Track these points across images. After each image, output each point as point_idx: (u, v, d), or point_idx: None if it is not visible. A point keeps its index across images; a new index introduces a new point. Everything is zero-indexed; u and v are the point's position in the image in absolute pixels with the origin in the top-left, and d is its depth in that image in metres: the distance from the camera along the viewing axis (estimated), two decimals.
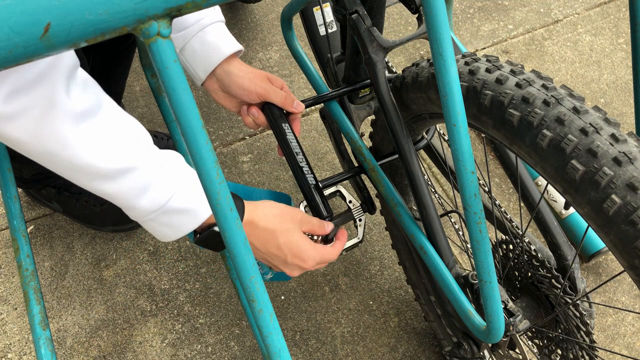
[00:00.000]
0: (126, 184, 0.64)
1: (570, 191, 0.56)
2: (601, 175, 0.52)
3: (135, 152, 0.64)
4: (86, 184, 0.64)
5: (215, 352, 1.21)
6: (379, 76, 0.75)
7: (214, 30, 0.86)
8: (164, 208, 0.66)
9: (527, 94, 0.59)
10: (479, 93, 0.63)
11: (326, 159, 1.50)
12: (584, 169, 0.53)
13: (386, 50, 0.76)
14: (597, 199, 0.53)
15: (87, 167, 0.61)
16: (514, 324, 0.74)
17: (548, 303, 0.84)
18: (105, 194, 0.65)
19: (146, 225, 0.69)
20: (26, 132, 0.57)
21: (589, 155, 0.53)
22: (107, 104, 0.64)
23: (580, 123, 0.55)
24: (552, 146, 0.56)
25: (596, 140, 0.53)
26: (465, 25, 1.82)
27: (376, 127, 0.94)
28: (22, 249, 0.84)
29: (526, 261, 0.84)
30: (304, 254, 0.76)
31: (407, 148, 0.75)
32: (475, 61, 0.67)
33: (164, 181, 0.65)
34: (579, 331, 0.80)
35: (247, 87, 0.86)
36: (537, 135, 0.57)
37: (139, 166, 0.64)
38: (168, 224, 0.68)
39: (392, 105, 0.75)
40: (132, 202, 0.65)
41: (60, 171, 0.63)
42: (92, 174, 0.62)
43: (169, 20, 0.33)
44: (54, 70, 0.57)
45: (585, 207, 0.55)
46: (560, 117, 0.56)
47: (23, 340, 1.21)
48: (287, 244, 0.74)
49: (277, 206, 0.77)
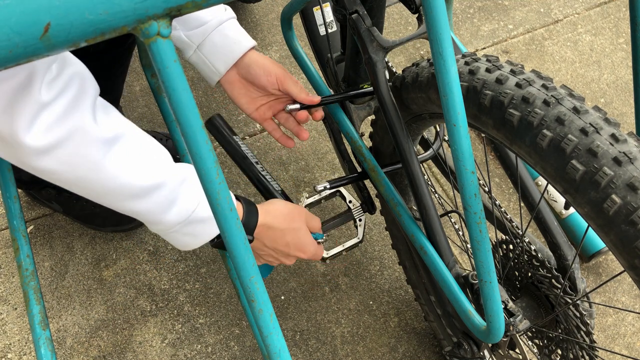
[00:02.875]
0: (155, 200, 0.67)
1: (571, 191, 0.56)
2: (601, 175, 0.52)
3: (160, 168, 0.67)
4: (116, 204, 0.67)
5: (215, 352, 1.21)
6: (379, 76, 0.75)
7: (232, 25, 0.89)
8: (189, 219, 0.69)
9: (527, 93, 0.59)
10: (479, 93, 0.63)
11: (326, 159, 1.50)
12: (584, 168, 0.53)
13: (386, 50, 0.76)
14: (597, 199, 0.53)
15: (120, 188, 0.64)
16: (514, 324, 0.74)
17: (548, 303, 0.84)
18: (134, 212, 0.68)
19: (169, 237, 0.73)
20: (61, 164, 0.60)
21: (589, 155, 0.53)
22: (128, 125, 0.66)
23: (580, 123, 0.55)
24: (552, 146, 0.56)
25: (596, 140, 0.53)
26: (465, 25, 1.82)
27: (376, 127, 0.94)
28: (22, 249, 0.84)
29: (526, 261, 0.84)
30: (306, 247, 0.84)
31: (407, 148, 0.75)
32: (475, 61, 0.67)
33: (188, 193, 0.69)
34: (579, 331, 0.80)
35: (269, 67, 0.89)
36: (537, 135, 0.57)
37: (166, 182, 0.67)
38: (191, 234, 0.72)
39: (392, 105, 0.75)
40: (159, 217, 0.69)
41: (91, 195, 0.66)
42: (124, 195, 0.65)
43: (169, 20, 0.33)
44: (80, 100, 0.60)
45: (586, 207, 0.55)
46: (561, 117, 0.56)
47: (23, 340, 1.21)
48: (294, 241, 0.82)
49: (286, 205, 0.83)
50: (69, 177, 0.62)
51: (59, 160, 0.59)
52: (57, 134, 0.57)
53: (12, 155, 0.60)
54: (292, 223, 0.81)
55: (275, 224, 0.79)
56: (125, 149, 0.64)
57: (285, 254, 0.83)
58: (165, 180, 0.67)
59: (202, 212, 0.70)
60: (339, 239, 1.37)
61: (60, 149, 0.58)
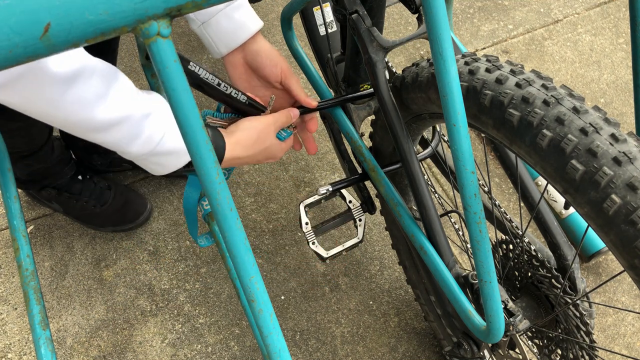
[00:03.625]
0: (117, 134, 0.69)
1: (570, 191, 0.56)
2: (601, 175, 0.52)
3: (122, 104, 0.68)
4: (82, 134, 0.69)
5: (215, 352, 1.21)
6: (379, 76, 0.75)
7: (240, 7, 0.88)
8: (153, 152, 0.72)
9: (527, 93, 0.59)
10: (478, 93, 0.63)
11: (326, 159, 1.50)
12: (584, 168, 0.53)
13: (386, 50, 0.76)
14: (597, 199, 0.53)
15: (81, 122, 0.66)
16: (514, 324, 0.74)
17: (548, 303, 0.84)
18: (100, 142, 0.70)
19: (139, 164, 0.76)
20: (21, 98, 0.62)
21: (588, 155, 0.53)
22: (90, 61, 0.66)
23: (580, 123, 0.55)
24: (552, 146, 0.56)
25: (596, 140, 0.53)
26: (465, 25, 1.82)
27: (376, 127, 0.94)
28: (22, 249, 0.84)
29: (526, 261, 0.84)
30: (274, 157, 0.87)
31: (407, 148, 0.75)
32: (475, 61, 0.67)
33: (151, 128, 0.71)
34: (579, 331, 0.80)
35: (276, 59, 0.88)
36: (537, 135, 0.57)
37: (128, 117, 0.69)
38: (157, 163, 0.76)
39: (392, 105, 0.75)
40: (124, 149, 0.71)
41: (58, 126, 0.69)
42: (86, 128, 0.68)
43: (169, 20, 0.32)
44: None
45: (585, 207, 0.55)
46: (560, 117, 0.56)
47: (23, 340, 1.21)
48: (264, 155, 0.85)
49: (255, 127, 0.82)
50: (33, 111, 0.64)
51: (17, 96, 0.61)
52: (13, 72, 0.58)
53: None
54: (262, 144, 0.83)
55: (244, 153, 0.81)
56: (83, 88, 0.64)
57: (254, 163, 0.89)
58: (128, 115, 0.68)
59: (167, 145, 0.72)
60: (339, 239, 1.37)
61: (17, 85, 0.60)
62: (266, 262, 1.33)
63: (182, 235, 1.37)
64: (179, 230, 1.37)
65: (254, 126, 0.83)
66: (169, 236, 1.36)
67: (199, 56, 1.68)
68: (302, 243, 1.37)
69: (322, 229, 0.97)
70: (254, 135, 0.82)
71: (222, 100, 0.85)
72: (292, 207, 1.42)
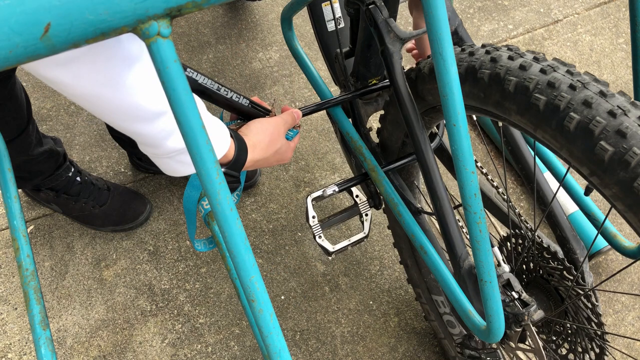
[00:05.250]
0: (159, 125, 0.67)
1: (598, 172, 0.56)
2: (631, 155, 0.53)
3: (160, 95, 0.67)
4: (121, 124, 0.66)
5: (215, 352, 1.21)
6: (395, 67, 0.76)
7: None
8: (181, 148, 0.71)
9: (552, 78, 0.60)
10: (502, 80, 0.64)
11: (326, 159, 1.50)
12: (614, 149, 0.54)
13: (403, 41, 0.76)
14: (626, 179, 0.54)
15: (131, 108, 0.63)
16: (529, 314, 0.74)
17: (558, 296, 0.84)
18: (138, 134, 0.68)
19: (160, 161, 0.74)
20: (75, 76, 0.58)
21: (618, 136, 0.54)
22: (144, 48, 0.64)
23: (607, 106, 0.55)
24: (579, 128, 0.56)
25: (625, 122, 0.54)
26: (465, 25, 1.82)
27: (385, 122, 0.94)
28: (22, 249, 0.84)
29: (537, 254, 0.84)
30: (286, 156, 0.89)
31: (422, 139, 0.75)
32: (497, 50, 0.68)
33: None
34: (590, 322, 0.80)
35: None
36: (564, 118, 0.57)
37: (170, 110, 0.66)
38: (183, 162, 0.74)
39: (409, 96, 0.75)
40: (160, 142, 0.69)
41: (98, 112, 0.65)
42: (133, 116, 0.65)
43: (169, 20, 0.33)
44: None
45: (614, 187, 0.55)
46: (588, 100, 0.56)
47: (23, 340, 1.21)
48: (276, 158, 0.87)
49: (266, 130, 0.84)
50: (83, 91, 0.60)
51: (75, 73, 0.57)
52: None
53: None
54: (275, 146, 0.84)
55: (261, 156, 0.82)
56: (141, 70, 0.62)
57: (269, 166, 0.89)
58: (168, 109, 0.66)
59: None
60: (339, 239, 1.37)
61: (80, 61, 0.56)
62: (266, 262, 1.33)
63: (182, 235, 1.37)
64: (179, 230, 1.37)
65: (265, 128, 0.84)
66: (169, 236, 1.36)
67: (199, 56, 1.69)
68: (302, 243, 1.37)
69: (329, 223, 0.97)
70: (267, 137, 0.83)
71: (225, 105, 0.85)
72: (292, 207, 1.42)
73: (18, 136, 1.08)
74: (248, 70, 1.67)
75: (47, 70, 0.57)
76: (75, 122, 1.53)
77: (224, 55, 1.70)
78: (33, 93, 1.57)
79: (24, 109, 1.06)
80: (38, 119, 1.52)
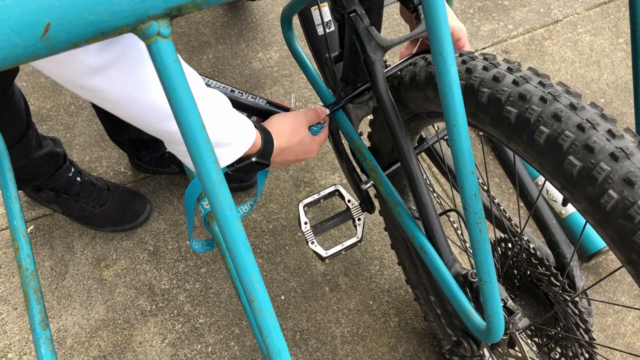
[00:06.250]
0: None
1: (568, 187, 0.56)
2: (598, 171, 0.53)
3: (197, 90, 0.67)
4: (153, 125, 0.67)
5: (215, 352, 1.21)
6: (377, 75, 0.75)
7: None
8: (216, 143, 0.71)
9: (524, 90, 0.59)
10: (476, 91, 0.64)
11: (326, 159, 1.50)
12: (581, 164, 0.54)
13: (384, 49, 0.76)
14: (594, 194, 0.53)
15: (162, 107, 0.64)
16: (514, 322, 0.74)
17: (547, 301, 0.84)
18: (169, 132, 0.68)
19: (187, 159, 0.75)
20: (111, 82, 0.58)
21: (585, 151, 0.54)
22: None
23: (577, 119, 0.55)
24: (549, 142, 0.56)
25: (593, 136, 0.54)
26: (465, 25, 1.82)
27: (374, 127, 0.94)
28: (22, 249, 0.83)
29: (525, 259, 0.84)
30: (311, 152, 0.90)
31: (405, 147, 0.75)
32: (472, 59, 0.67)
33: (218, 118, 0.71)
34: (578, 329, 0.80)
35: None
36: (535, 132, 0.57)
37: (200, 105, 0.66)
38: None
39: (391, 104, 0.75)
40: None
41: (129, 115, 0.65)
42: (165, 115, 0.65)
43: (169, 20, 0.33)
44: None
45: (583, 202, 0.55)
46: (557, 113, 0.56)
47: (23, 340, 1.21)
48: (301, 150, 0.88)
49: (287, 120, 0.86)
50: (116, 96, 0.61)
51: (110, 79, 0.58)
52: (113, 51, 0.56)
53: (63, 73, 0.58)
54: (298, 135, 0.86)
55: (286, 144, 0.84)
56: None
57: (293, 161, 0.90)
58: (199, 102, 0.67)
59: (225, 138, 0.73)
60: (339, 239, 1.37)
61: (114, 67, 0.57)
62: (266, 262, 1.33)
63: (182, 235, 1.37)
64: (179, 230, 1.37)
65: (286, 119, 0.86)
66: (169, 236, 1.36)
67: (199, 56, 1.69)
68: (302, 243, 1.37)
69: (321, 229, 0.97)
70: (289, 126, 0.85)
71: (243, 108, 0.86)
72: (292, 207, 1.42)
73: (18, 142, 1.09)
74: (248, 70, 1.67)
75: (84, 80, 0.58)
76: (75, 122, 1.53)
77: (224, 55, 1.70)
78: (33, 93, 1.57)
79: (23, 116, 1.07)
80: (38, 119, 1.52)
